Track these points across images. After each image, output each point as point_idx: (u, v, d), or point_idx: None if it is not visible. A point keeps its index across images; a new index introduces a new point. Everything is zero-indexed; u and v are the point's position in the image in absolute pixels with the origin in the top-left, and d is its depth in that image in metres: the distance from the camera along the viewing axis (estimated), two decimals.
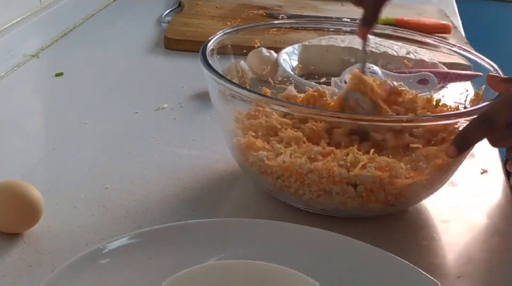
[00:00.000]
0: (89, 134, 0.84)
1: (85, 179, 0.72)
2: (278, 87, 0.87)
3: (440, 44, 0.85)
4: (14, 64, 1.03)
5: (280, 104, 0.66)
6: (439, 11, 1.50)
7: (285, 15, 1.36)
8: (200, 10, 1.36)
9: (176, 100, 0.94)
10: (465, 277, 0.61)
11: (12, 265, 0.57)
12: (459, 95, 0.77)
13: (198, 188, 0.72)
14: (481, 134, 0.61)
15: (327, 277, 0.53)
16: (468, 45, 1.25)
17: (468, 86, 0.78)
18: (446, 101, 0.78)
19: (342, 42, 1.01)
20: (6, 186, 0.61)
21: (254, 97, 0.65)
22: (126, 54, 1.16)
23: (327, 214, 0.67)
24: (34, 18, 1.11)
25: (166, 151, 0.80)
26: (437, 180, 0.67)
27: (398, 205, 0.67)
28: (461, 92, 0.77)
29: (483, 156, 0.81)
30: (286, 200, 0.68)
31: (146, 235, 0.58)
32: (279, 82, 0.89)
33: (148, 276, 0.53)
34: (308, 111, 0.67)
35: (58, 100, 0.95)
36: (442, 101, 0.77)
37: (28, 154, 0.78)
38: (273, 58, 0.95)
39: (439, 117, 0.68)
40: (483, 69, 0.74)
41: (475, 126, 0.61)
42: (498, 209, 0.74)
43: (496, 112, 0.60)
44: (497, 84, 0.67)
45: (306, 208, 0.67)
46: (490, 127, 0.60)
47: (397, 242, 0.65)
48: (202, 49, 0.72)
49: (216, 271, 0.51)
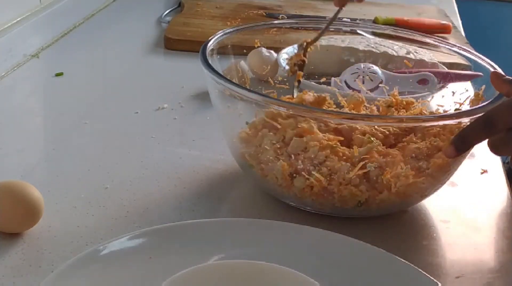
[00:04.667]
0: (89, 134, 0.84)
1: (85, 179, 0.72)
2: (278, 87, 0.87)
3: (440, 44, 0.85)
4: (14, 64, 1.03)
5: (280, 104, 0.66)
6: (439, 11, 1.50)
7: (285, 15, 1.36)
8: (200, 10, 1.36)
9: (176, 100, 0.94)
10: (464, 277, 0.61)
11: (12, 265, 0.57)
12: (459, 95, 0.77)
13: (198, 188, 0.72)
14: (481, 136, 0.61)
15: (327, 277, 0.53)
16: (468, 45, 1.25)
17: (468, 86, 0.78)
18: (445, 101, 0.78)
19: (342, 42, 1.01)
20: (6, 186, 0.61)
21: (254, 97, 0.65)
22: (126, 54, 1.16)
23: (327, 214, 0.67)
24: (34, 18, 1.10)
25: (166, 151, 0.80)
26: (436, 180, 0.67)
27: (399, 206, 0.68)
28: (461, 92, 0.77)
29: (483, 156, 0.81)
30: (286, 200, 0.68)
31: (146, 235, 0.58)
32: (279, 82, 0.89)
33: (148, 276, 0.53)
34: (305, 110, 0.66)
35: (58, 100, 0.95)
36: (442, 101, 0.77)
37: (28, 154, 0.78)
38: (273, 58, 0.95)
39: (439, 117, 0.68)
40: (483, 69, 0.74)
41: (474, 127, 0.61)
42: (498, 209, 0.74)
43: (497, 115, 0.60)
44: (501, 84, 0.67)
45: (305, 208, 0.67)
46: (490, 130, 0.60)
47: (397, 242, 0.65)
48: (202, 49, 0.72)
49: (216, 271, 0.51)
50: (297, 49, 0.86)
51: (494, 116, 0.60)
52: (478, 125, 0.61)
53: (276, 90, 0.84)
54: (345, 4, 0.83)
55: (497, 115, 0.60)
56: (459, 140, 0.62)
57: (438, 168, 0.65)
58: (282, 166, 0.65)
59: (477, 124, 0.61)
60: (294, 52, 0.93)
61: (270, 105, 0.65)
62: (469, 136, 0.61)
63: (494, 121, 0.59)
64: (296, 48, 0.89)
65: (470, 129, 0.61)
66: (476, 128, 0.61)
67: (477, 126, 0.61)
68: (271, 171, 0.66)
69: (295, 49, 0.99)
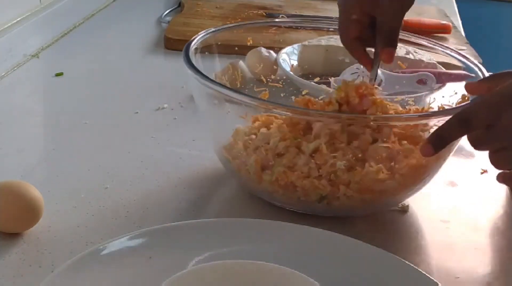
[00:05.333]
0: (89, 134, 0.84)
1: (85, 179, 0.72)
2: (271, 86, 0.86)
3: (435, 46, 0.85)
4: (14, 64, 1.03)
5: (267, 106, 0.66)
6: (439, 11, 1.50)
7: (285, 15, 1.36)
8: (200, 10, 1.36)
9: (176, 100, 0.94)
10: (464, 277, 0.61)
11: (12, 265, 0.57)
12: (449, 97, 0.76)
13: (198, 188, 0.72)
14: (457, 133, 0.61)
15: (327, 277, 0.53)
16: (468, 45, 1.25)
17: (462, 87, 0.77)
18: (445, 101, 0.77)
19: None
20: (6, 186, 0.61)
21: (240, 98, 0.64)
22: (126, 54, 1.16)
23: (327, 215, 0.67)
24: (34, 18, 1.11)
25: (166, 151, 0.80)
26: (413, 180, 0.66)
27: (374, 206, 0.68)
28: (450, 94, 0.76)
29: (483, 156, 0.81)
30: (259, 195, 0.69)
31: (146, 235, 0.58)
32: (273, 81, 0.88)
33: (148, 276, 0.53)
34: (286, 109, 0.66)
35: (58, 100, 0.95)
36: (439, 102, 0.77)
37: (28, 154, 0.78)
38: (272, 58, 0.95)
39: (414, 117, 0.68)
40: (475, 71, 0.74)
41: (451, 125, 0.61)
42: (498, 209, 0.74)
43: (472, 112, 0.60)
44: (477, 87, 0.67)
45: (281, 206, 0.68)
46: (466, 127, 0.60)
47: (397, 242, 0.65)
48: (185, 48, 0.72)
49: (216, 271, 0.51)
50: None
51: (470, 114, 0.60)
52: (454, 122, 0.60)
53: (268, 88, 0.83)
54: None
55: (472, 113, 0.60)
56: (436, 138, 0.61)
57: (412, 168, 0.65)
58: (256, 161, 0.65)
59: (453, 121, 0.60)
60: (293, 52, 0.93)
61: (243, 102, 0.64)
62: (445, 133, 0.61)
63: (469, 119, 0.59)
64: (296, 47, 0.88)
65: (447, 126, 0.61)
66: (452, 125, 0.60)
67: (454, 123, 0.60)
68: (244, 166, 0.67)
69: (295, 49, 0.99)
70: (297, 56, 1.00)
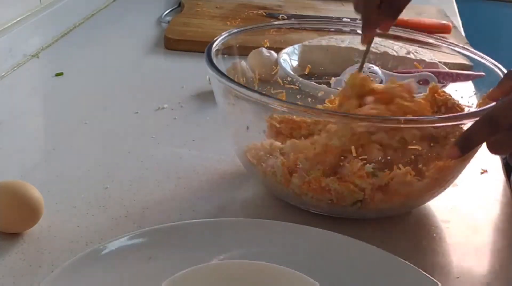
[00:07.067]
0: (89, 134, 0.84)
1: (85, 179, 0.72)
2: (277, 87, 0.87)
3: (441, 44, 0.84)
4: (14, 64, 1.03)
5: (282, 104, 0.65)
6: (439, 11, 1.50)
7: (285, 15, 1.36)
8: (200, 10, 1.36)
9: (176, 100, 0.94)
10: (464, 277, 0.61)
11: (12, 265, 0.57)
12: (468, 98, 0.76)
13: (198, 188, 0.72)
14: (485, 135, 0.59)
15: (327, 277, 0.53)
16: (468, 45, 1.25)
17: (470, 86, 0.77)
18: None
19: (342, 42, 1.01)
20: (6, 186, 0.61)
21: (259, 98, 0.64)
22: (126, 54, 1.16)
23: (327, 215, 0.67)
24: (34, 18, 1.10)
25: (166, 151, 0.80)
26: (439, 182, 0.66)
27: (399, 209, 0.67)
28: (468, 95, 0.76)
29: (483, 156, 0.81)
30: (288, 201, 0.68)
31: (146, 235, 0.58)
32: (294, 83, 0.89)
33: (148, 276, 0.53)
34: (302, 109, 0.66)
35: (58, 100, 0.95)
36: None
37: (28, 154, 0.78)
38: (273, 58, 0.95)
39: (443, 119, 0.66)
40: (485, 69, 0.74)
41: (479, 126, 0.59)
42: (498, 209, 0.74)
43: (500, 112, 0.58)
44: (498, 91, 0.65)
45: (307, 208, 0.67)
46: (494, 128, 0.58)
47: (397, 242, 0.65)
48: (208, 49, 0.72)
49: (216, 271, 0.51)
50: None
51: (498, 113, 0.59)
52: (482, 124, 0.59)
53: (273, 87, 0.83)
54: (372, 41, 0.79)
55: (501, 112, 0.58)
56: (463, 141, 0.60)
57: (439, 170, 0.64)
58: (282, 163, 0.65)
59: (481, 122, 0.59)
60: (294, 52, 0.93)
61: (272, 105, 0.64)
62: (473, 135, 0.60)
63: (498, 119, 0.58)
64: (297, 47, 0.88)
65: (474, 128, 0.60)
66: (480, 127, 0.59)
67: (482, 125, 0.59)
68: (271, 169, 0.66)
69: (295, 49, 0.99)
70: (298, 56, 1.00)
